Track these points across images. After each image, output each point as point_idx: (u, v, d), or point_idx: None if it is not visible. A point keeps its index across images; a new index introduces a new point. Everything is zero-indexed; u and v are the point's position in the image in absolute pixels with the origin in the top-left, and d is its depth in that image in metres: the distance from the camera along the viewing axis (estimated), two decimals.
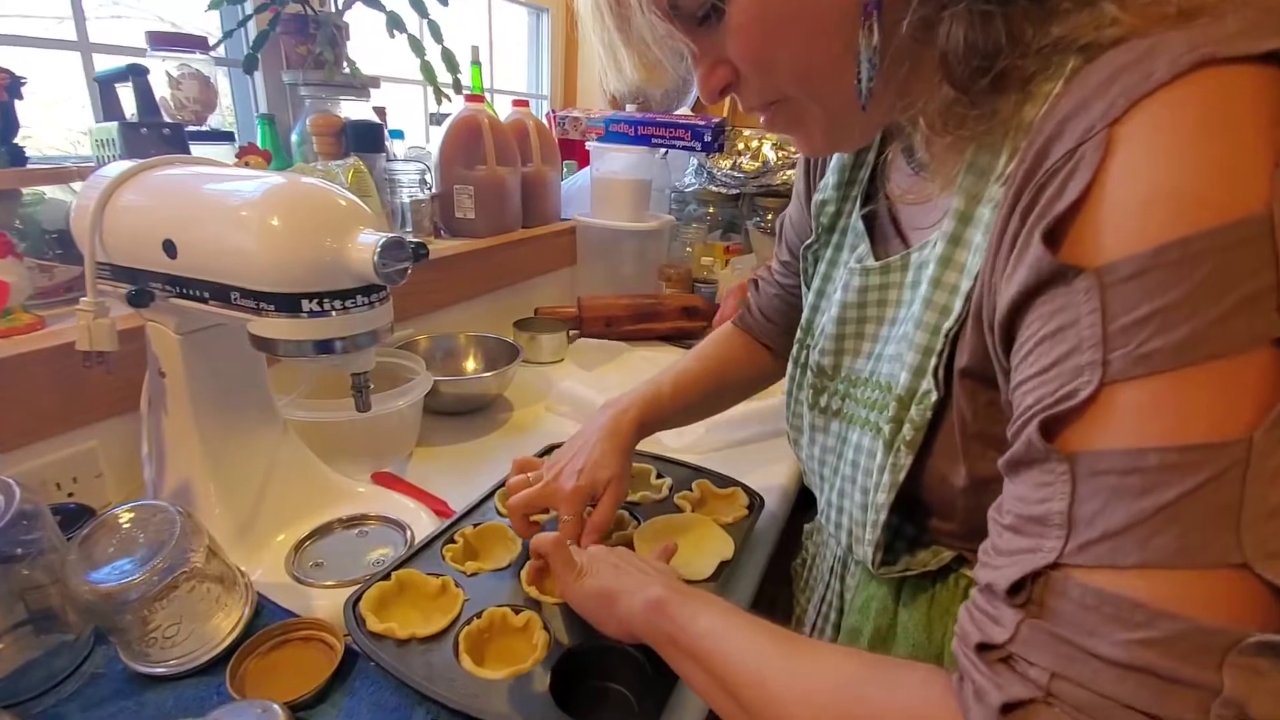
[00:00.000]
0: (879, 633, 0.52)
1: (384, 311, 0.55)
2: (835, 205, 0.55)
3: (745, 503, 0.74)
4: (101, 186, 0.55)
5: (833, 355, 0.53)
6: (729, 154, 1.59)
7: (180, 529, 0.48)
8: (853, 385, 0.52)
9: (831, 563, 0.61)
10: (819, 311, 0.57)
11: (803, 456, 0.60)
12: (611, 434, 0.64)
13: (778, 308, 0.73)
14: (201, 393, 0.62)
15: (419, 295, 1.11)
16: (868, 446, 0.48)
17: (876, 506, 0.46)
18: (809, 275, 0.59)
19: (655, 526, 0.68)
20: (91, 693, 0.50)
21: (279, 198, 0.51)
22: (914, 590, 0.50)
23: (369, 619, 0.53)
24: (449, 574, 0.60)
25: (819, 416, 0.55)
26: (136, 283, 0.55)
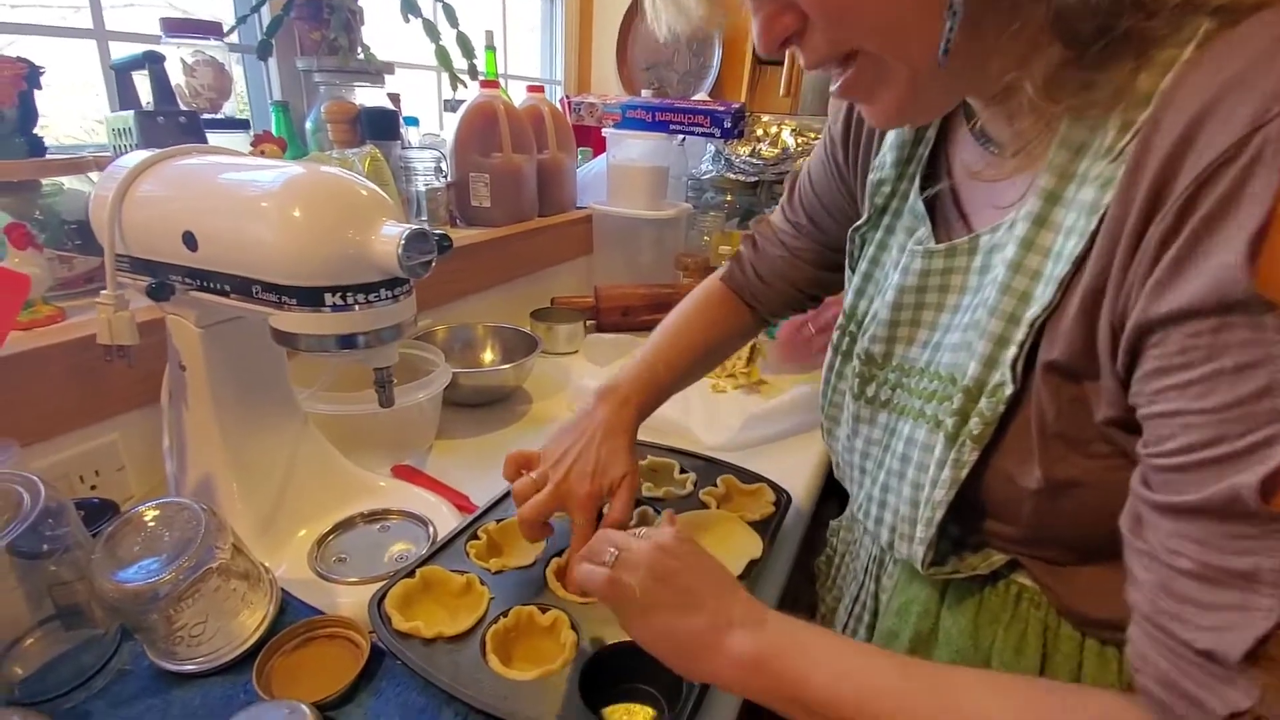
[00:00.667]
0: (919, 637, 0.51)
1: (407, 305, 0.54)
2: (892, 184, 0.52)
3: (772, 499, 0.72)
4: (120, 177, 0.54)
5: (885, 343, 0.50)
6: (748, 140, 1.56)
7: (205, 526, 0.48)
8: (906, 375, 0.49)
9: (866, 562, 0.59)
10: (864, 296, 0.54)
11: (839, 449, 0.58)
12: (615, 430, 0.62)
13: (779, 270, 0.69)
14: (222, 386, 0.61)
15: (436, 285, 1.10)
16: (923, 440, 0.45)
17: (932, 503, 0.44)
18: (854, 258, 0.56)
19: (680, 521, 0.65)
20: (119, 690, 0.50)
21: (300, 188, 0.50)
22: (960, 594, 0.48)
23: (394, 617, 0.53)
24: (474, 571, 0.59)
25: (864, 407, 0.52)
26: (156, 275, 0.54)
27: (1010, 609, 0.46)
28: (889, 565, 0.56)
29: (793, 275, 0.69)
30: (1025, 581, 0.46)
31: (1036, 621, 0.45)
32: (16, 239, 0.67)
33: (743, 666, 0.39)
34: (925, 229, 0.48)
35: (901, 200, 0.51)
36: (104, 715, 0.47)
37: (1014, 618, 0.46)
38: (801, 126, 1.58)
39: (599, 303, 1.31)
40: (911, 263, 0.48)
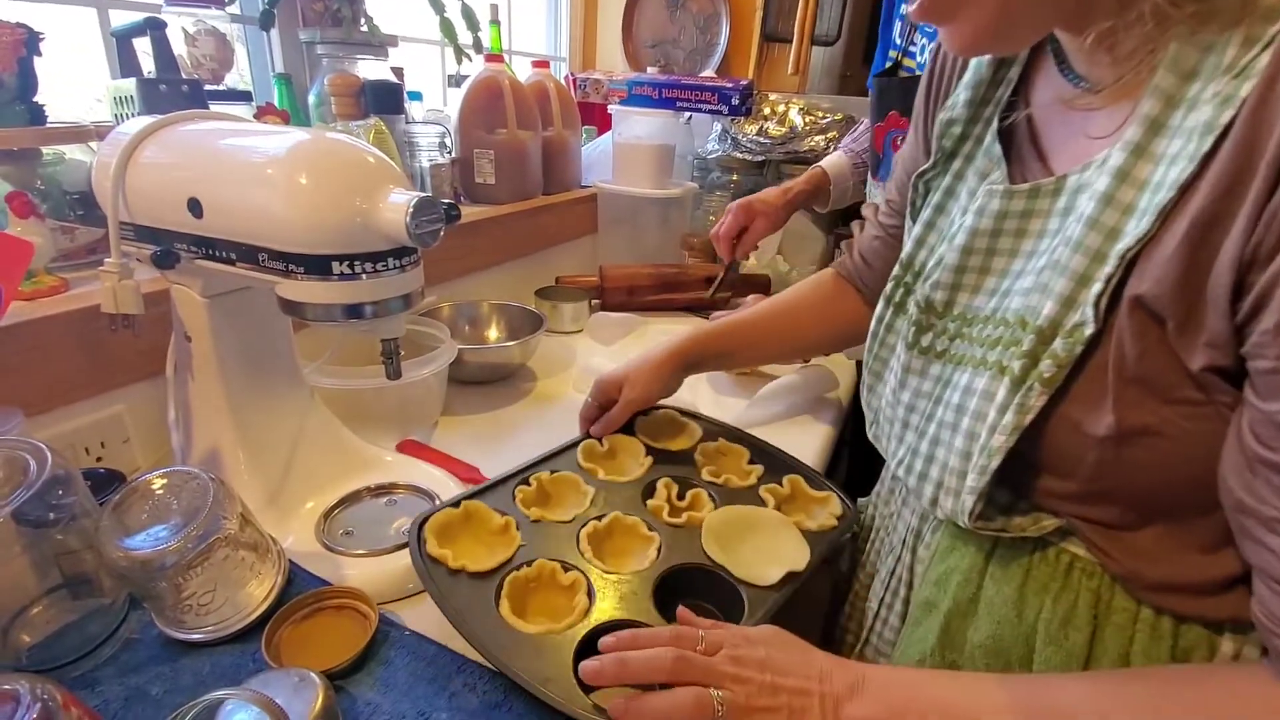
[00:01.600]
0: (958, 607, 0.49)
1: (415, 275, 0.53)
2: (963, 126, 0.50)
3: (838, 512, 0.66)
4: (123, 143, 0.53)
5: (948, 290, 0.49)
6: (755, 119, 1.54)
7: (214, 496, 0.48)
8: (967, 324, 0.47)
9: (904, 533, 0.58)
10: (924, 245, 0.52)
11: (880, 404, 0.56)
12: (658, 352, 0.72)
13: (876, 250, 0.68)
14: (228, 357, 0.60)
15: (442, 262, 1.09)
16: (983, 388, 0.44)
17: (989, 450, 0.42)
18: (916, 206, 0.54)
19: (729, 515, 0.63)
20: (127, 658, 0.50)
21: (306, 155, 0.49)
22: (1005, 561, 0.47)
23: (429, 541, 0.54)
24: (514, 515, 0.59)
25: (917, 358, 0.51)
26: (161, 244, 0.54)
27: (1060, 579, 0.44)
28: (926, 535, 0.55)
29: (887, 253, 0.66)
30: (1077, 550, 0.44)
31: (1088, 592, 0.43)
32: (18, 208, 0.66)
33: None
34: (1000, 171, 0.46)
35: (974, 143, 0.49)
36: (112, 683, 0.47)
37: (1064, 588, 0.44)
38: (809, 106, 1.56)
39: (604, 282, 1.30)
40: (989, 203, 0.45)
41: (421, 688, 0.48)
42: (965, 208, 0.49)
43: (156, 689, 0.47)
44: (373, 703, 0.47)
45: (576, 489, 0.66)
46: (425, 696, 0.48)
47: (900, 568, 0.57)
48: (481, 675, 0.49)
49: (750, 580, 0.56)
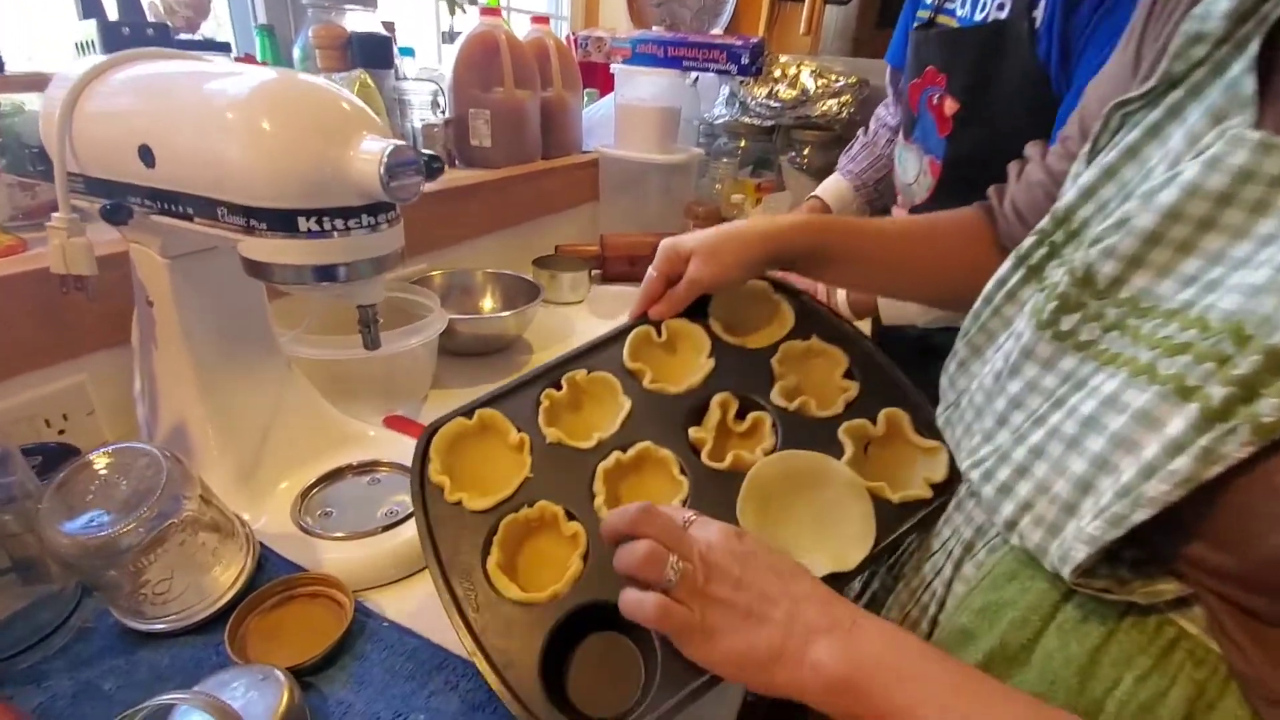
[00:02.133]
0: (1004, 650, 0.39)
1: (393, 235, 0.48)
2: (1210, 48, 0.37)
3: (936, 477, 0.49)
4: (69, 85, 0.48)
5: (1124, 263, 0.36)
6: (764, 81, 1.47)
7: (168, 475, 0.43)
8: (1138, 313, 0.36)
9: (950, 540, 0.47)
10: (1093, 197, 0.40)
11: (971, 386, 0.46)
12: (744, 226, 0.57)
13: (1036, 203, 0.54)
14: (194, 324, 0.56)
15: (433, 228, 1.04)
16: (1141, 407, 0.33)
17: (1138, 498, 0.31)
18: (1098, 145, 0.42)
19: (785, 467, 0.48)
20: (80, 649, 0.46)
21: (271, 97, 0.44)
22: (1082, 613, 0.36)
23: (434, 463, 0.48)
24: (531, 433, 0.51)
25: (1049, 342, 0.39)
26: (113, 196, 0.49)
27: (1154, 656, 0.34)
28: (980, 552, 0.43)
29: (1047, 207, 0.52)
30: (1189, 628, 0.33)
31: (1189, 682, 0.33)
32: None
33: (828, 686, 0.34)
34: (1245, 116, 0.34)
35: (1211, 72, 0.37)
36: (61, 676, 0.44)
37: (1156, 669, 0.34)
38: (822, 68, 1.49)
39: (604, 251, 1.25)
40: (1229, 155, 0.33)
41: (399, 685, 0.45)
42: (1178, 155, 0.36)
43: (109, 684, 0.44)
44: (345, 702, 0.43)
45: (613, 398, 0.54)
46: (402, 695, 0.44)
47: (937, 582, 0.47)
48: (465, 673, 0.45)
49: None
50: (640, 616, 0.37)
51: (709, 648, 0.36)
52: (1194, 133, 0.36)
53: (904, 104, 0.96)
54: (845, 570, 0.45)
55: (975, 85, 0.82)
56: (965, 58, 0.82)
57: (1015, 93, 0.78)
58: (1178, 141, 0.37)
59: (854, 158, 1.16)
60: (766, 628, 0.36)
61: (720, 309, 0.59)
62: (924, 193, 0.93)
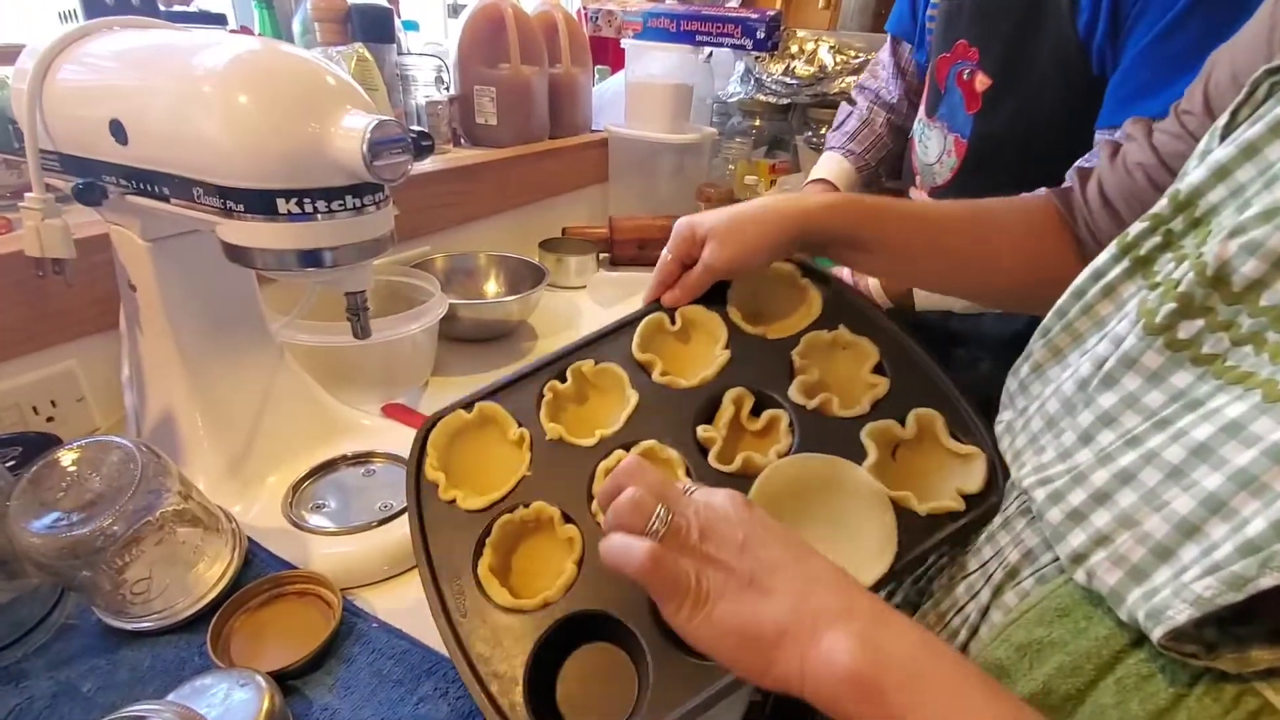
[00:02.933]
0: (1045, 696, 0.33)
1: (381, 218, 0.46)
2: None
3: (973, 488, 0.43)
4: (38, 55, 0.45)
5: (1272, 264, 0.29)
6: (781, 57, 1.42)
7: (143, 470, 0.41)
8: (1278, 325, 0.29)
9: (991, 562, 0.41)
10: (1227, 178, 0.33)
11: (1043, 393, 0.40)
12: (763, 204, 0.51)
13: (1136, 188, 0.46)
14: (179, 310, 0.53)
15: (435, 209, 1.01)
16: (1275, 441, 0.27)
17: (1262, 555, 0.26)
18: (1238, 117, 0.34)
19: (797, 473, 0.44)
20: (60, 648, 0.44)
21: (249, 69, 0.41)
22: (1146, 670, 0.31)
23: (430, 456, 0.47)
24: (531, 428, 0.48)
25: (1157, 352, 0.32)
26: (87, 175, 0.46)
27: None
28: (1026, 580, 0.38)
29: (1150, 195, 0.44)
30: (1277, 701, 0.28)
31: None
32: None
33: (842, 681, 0.28)
34: None
35: None
36: (40, 676, 0.42)
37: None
38: (841, 44, 1.43)
39: (613, 234, 1.21)
40: None
41: (385, 691, 0.43)
42: None
43: (89, 685, 0.42)
44: (330, 708, 0.41)
45: (619, 391, 0.51)
46: (389, 702, 0.42)
47: (971, 606, 0.41)
48: (455, 679, 0.43)
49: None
50: (626, 563, 0.30)
51: (701, 617, 0.30)
52: None
53: (930, 80, 0.91)
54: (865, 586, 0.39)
55: (1009, 61, 0.77)
56: (1000, 31, 0.77)
57: (1051, 70, 0.73)
58: None
59: (853, 136, 1.10)
60: (773, 603, 0.30)
61: (740, 295, 0.55)
62: (946, 173, 0.89)
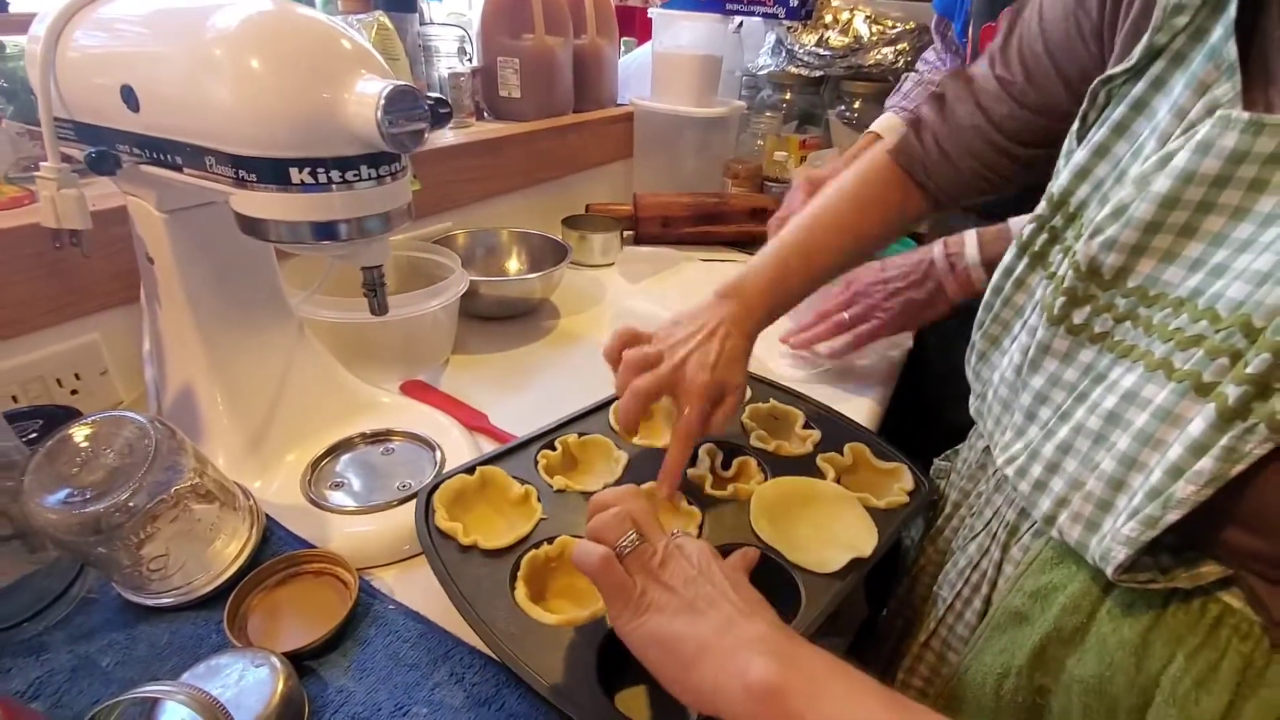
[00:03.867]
0: (1059, 634, 0.40)
1: (397, 190, 0.44)
2: (1191, 16, 0.35)
3: (908, 487, 0.56)
4: (49, 20, 0.44)
5: (1127, 253, 0.36)
6: (814, 28, 1.36)
7: (157, 447, 0.40)
8: (1146, 303, 0.35)
9: (994, 524, 0.48)
10: (1088, 178, 0.39)
11: (994, 379, 0.46)
12: (739, 329, 0.53)
13: (967, 143, 0.53)
14: (196, 283, 0.53)
15: (457, 184, 0.99)
16: (1160, 403, 0.33)
17: (1169, 499, 0.32)
18: (1086, 123, 0.41)
19: (782, 489, 0.54)
20: (81, 621, 0.44)
21: (261, 32, 0.39)
22: (1130, 598, 0.38)
23: (439, 512, 0.48)
24: (536, 483, 0.53)
25: (1062, 337, 0.39)
26: (101, 144, 0.45)
27: (1202, 634, 0.35)
28: (1025, 536, 0.45)
29: (985, 152, 0.52)
30: (1233, 603, 0.35)
31: (1237, 655, 0.35)
32: None
33: (750, 691, 0.30)
34: (1231, 85, 0.33)
35: (1190, 39, 0.35)
36: (60, 649, 0.42)
37: (1204, 644, 0.35)
38: (877, 14, 1.37)
39: (638, 211, 1.19)
40: (1220, 138, 0.32)
41: (401, 675, 0.42)
42: (1166, 131, 0.35)
43: (107, 660, 0.42)
44: (345, 690, 0.41)
45: (607, 455, 0.58)
46: (404, 686, 0.41)
47: (986, 562, 0.48)
48: (471, 664, 0.43)
49: (808, 566, 0.47)
50: (584, 563, 0.35)
51: (636, 623, 0.34)
52: (1180, 106, 0.35)
53: (973, 49, 0.87)
54: (865, 555, 0.48)
55: None
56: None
57: None
58: (1164, 115, 0.35)
59: (907, 95, 1.06)
60: (701, 624, 0.33)
61: None
62: None
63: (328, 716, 0.39)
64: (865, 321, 0.77)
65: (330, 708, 0.40)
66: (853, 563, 0.47)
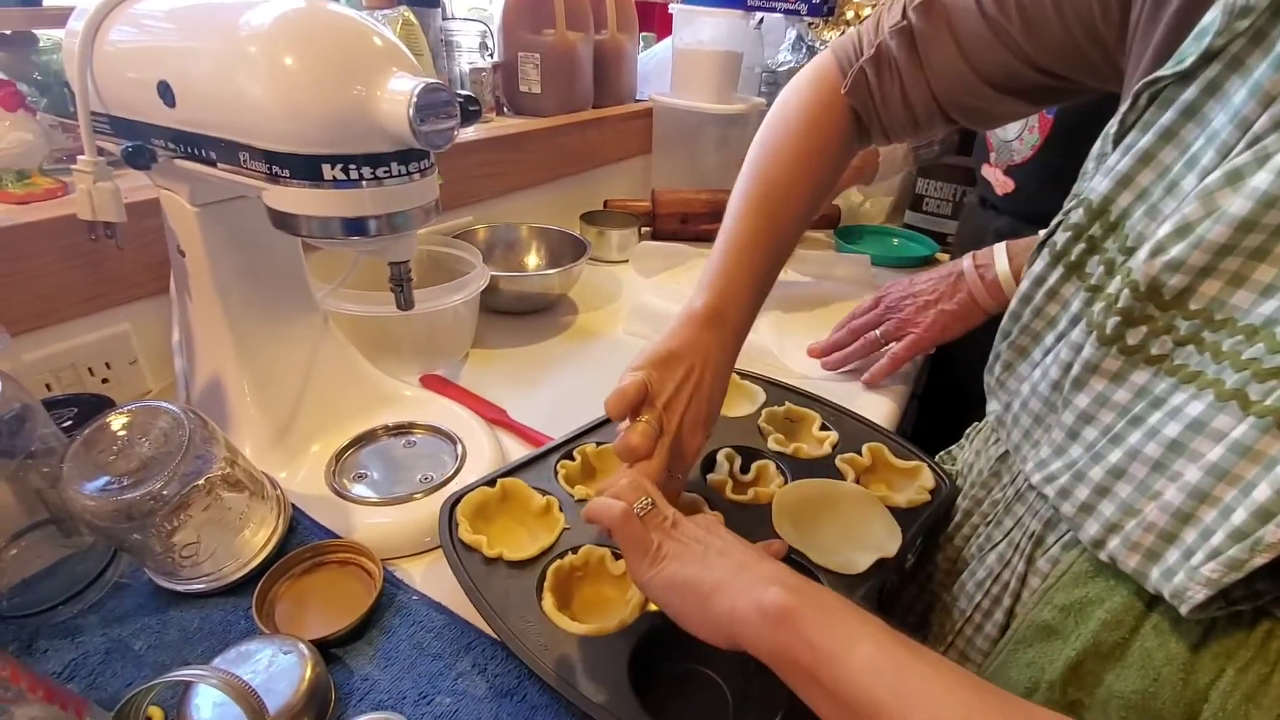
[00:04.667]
0: (1097, 649, 0.39)
1: (426, 186, 0.44)
2: (1254, 18, 0.31)
3: (929, 485, 0.56)
4: (87, 16, 0.45)
5: (1194, 274, 0.33)
6: (835, 24, 1.36)
7: (190, 436, 0.41)
8: (1215, 329, 0.33)
9: (1015, 533, 0.47)
10: (1131, 187, 0.37)
11: (1023, 391, 0.45)
12: (723, 369, 0.49)
13: (942, 91, 0.49)
14: (226, 275, 0.53)
15: (477, 179, 1.00)
16: (1237, 437, 0.31)
17: (1251, 540, 0.30)
18: (1126, 126, 0.37)
19: (803, 491, 0.54)
20: (114, 605, 0.45)
21: (294, 29, 0.40)
22: (1178, 615, 0.35)
23: (462, 524, 0.48)
24: (557, 494, 0.53)
25: (1114, 358, 0.37)
26: (136, 138, 0.46)
27: (1253, 648, 0.34)
28: (1053, 547, 0.43)
29: (950, 89, 0.48)
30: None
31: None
32: (5, 99, 0.59)
33: (765, 613, 0.31)
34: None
35: (1254, 44, 0.32)
36: (94, 632, 0.43)
37: (1256, 659, 0.34)
38: None
39: (656, 208, 1.19)
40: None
41: (425, 664, 0.43)
42: (1227, 142, 0.32)
43: (140, 643, 0.43)
44: (370, 678, 0.42)
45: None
46: (428, 675, 0.42)
47: (1008, 573, 0.47)
48: (493, 655, 0.43)
49: (833, 568, 0.47)
50: (604, 515, 0.38)
51: (653, 571, 0.36)
52: (1243, 117, 0.32)
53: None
54: (890, 555, 0.48)
55: None
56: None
57: None
58: (1223, 125, 0.33)
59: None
60: (715, 568, 0.35)
61: None
62: (1027, 151, 0.84)
63: (353, 703, 0.40)
64: (898, 338, 0.76)
65: (356, 695, 0.40)
66: (879, 563, 0.47)
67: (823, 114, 0.54)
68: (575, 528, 0.50)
